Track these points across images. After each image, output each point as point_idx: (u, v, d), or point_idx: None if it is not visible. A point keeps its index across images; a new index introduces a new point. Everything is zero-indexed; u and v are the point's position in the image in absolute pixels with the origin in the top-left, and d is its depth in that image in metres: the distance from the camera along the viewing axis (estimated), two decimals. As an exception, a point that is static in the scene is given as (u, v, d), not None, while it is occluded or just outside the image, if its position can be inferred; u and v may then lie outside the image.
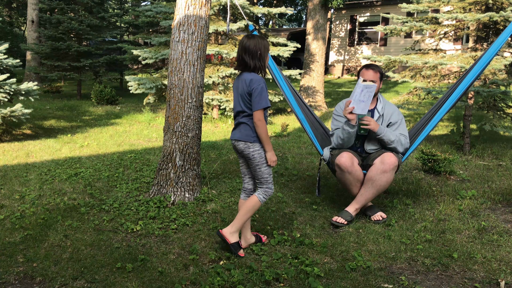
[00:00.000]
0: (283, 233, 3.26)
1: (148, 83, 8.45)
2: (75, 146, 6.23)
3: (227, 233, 2.88)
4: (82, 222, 3.45)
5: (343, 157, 3.47)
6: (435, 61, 5.79)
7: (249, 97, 2.74)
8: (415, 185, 4.42)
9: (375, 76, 3.60)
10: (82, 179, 4.58)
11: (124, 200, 3.95)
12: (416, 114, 9.67)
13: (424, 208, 3.83)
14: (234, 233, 2.88)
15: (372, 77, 3.58)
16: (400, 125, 3.64)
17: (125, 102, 11.90)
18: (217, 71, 8.57)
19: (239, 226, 2.89)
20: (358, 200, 3.52)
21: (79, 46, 12.22)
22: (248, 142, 2.79)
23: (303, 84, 11.06)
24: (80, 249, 2.97)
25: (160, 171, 4.01)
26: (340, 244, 3.10)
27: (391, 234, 3.24)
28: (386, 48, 19.80)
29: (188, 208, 3.75)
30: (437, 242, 3.14)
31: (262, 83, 2.72)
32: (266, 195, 2.86)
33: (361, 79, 3.41)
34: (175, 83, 3.92)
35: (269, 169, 2.83)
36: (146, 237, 3.20)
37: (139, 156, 5.61)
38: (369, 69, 3.60)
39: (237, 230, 2.89)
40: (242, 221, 2.88)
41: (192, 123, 3.97)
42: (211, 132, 7.64)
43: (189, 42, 3.87)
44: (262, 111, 2.72)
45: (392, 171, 3.42)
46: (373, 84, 3.34)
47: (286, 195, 4.16)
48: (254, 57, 2.75)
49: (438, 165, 4.82)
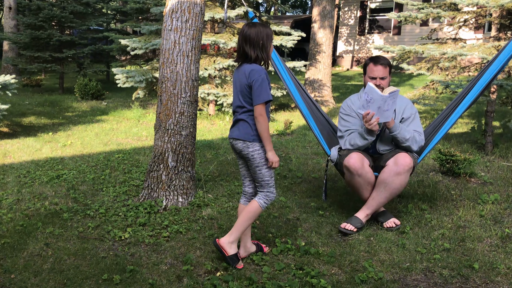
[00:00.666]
0: (286, 241, 3.27)
1: (138, 76, 8.46)
2: (57, 145, 6.24)
3: (224, 243, 2.87)
4: (64, 229, 3.46)
5: (352, 158, 3.46)
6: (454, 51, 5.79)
7: (249, 90, 2.75)
8: (432, 189, 4.42)
9: (385, 72, 3.57)
10: (65, 182, 4.58)
11: (111, 205, 3.95)
12: (433, 110, 9.67)
13: (442, 213, 3.83)
14: (232, 243, 2.88)
15: (382, 73, 3.56)
16: (413, 121, 3.63)
17: (112, 97, 11.91)
18: (213, 62, 8.57)
19: (238, 235, 2.88)
20: (369, 205, 3.52)
21: (61, 35, 12.22)
22: (247, 141, 2.79)
23: (308, 77, 11.06)
24: (63, 259, 2.97)
25: (151, 173, 4.01)
26: (349, 253, 3.10)
27: (405, 242, 3.24)
28: (400, 37, 19.79)
29: (181, 213, 3.75)
30: (456, 251, 3.14)
31: (263, 74, 2.73)
32: (267, 199, 2.86)
33: (368, 83, 3.30)
34: (167, 76, 3.92)
35: (270, 171, 2.83)
36: (135, 245, 3.20)
37: (127, 157, 5.61)
38: (378, 64, 3.55)
39: (236, 239, 2.89)
40: (242, 229, 2.88)
41: (186, 120, 3.98)
42: (207, 130, 7.65)
43: (182, 31, 3.87)
44: (263, 106, 2.72)
45: (407, 173, 3.42)
46: (396, 89, 3.29)
47: (290, 200, 4.16)
48: (255, 47, 2.76)
49: (457, 166, 4.82)
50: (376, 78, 3.56)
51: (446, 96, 10.32)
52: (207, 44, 8.62)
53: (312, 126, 4.02)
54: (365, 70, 3.66)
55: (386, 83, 3.57)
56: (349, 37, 21.34)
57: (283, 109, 10.14)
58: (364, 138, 3.51)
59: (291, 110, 10.08)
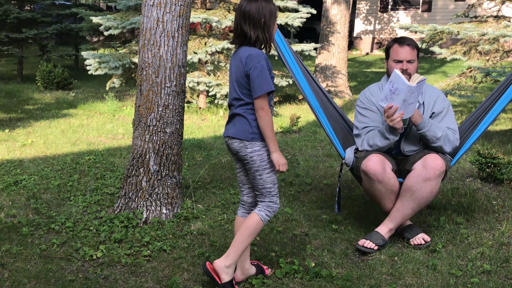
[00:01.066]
0: (292, 261, 3.27)
1: (113, 61, 8.46)
2: (15, 145, 6.24)
3: (219, 268, 2.82)
4: (24, 246, 3.45)
5: (371, 160, 3.47)
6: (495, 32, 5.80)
7: (246, 80, 2.75)
8: (468, 198, 4.43)
9: (413, 54, 3.58)
10: (24, 190, 4.59)
11: (81, 217, 3.95)
12: (471, 103, 9.68)
13: (481, 228, 3.83)
14: (229, 268, 2.83)
15: (410, 56, 3.57)
16: (446, 116, 3.63)
17: (82, 86, 11.91)
18: (204, 45, 8.57)
19: (236, 257, 2.85)
20: (392, 218, 3.52)
21: (20, 11, 12.21)
22: (245, 140, 2.80)
23: (319, 62, 11.07)
24: (22, 283, 2.97)
25: (129, 179, 4.01)
26: (369, 276, 3.10)
27: (436, 263, 3.24)
28: (431, 15, 19.79)
29: (165, 228, 3.76)
30: (499, 274, 3.14)
31: (262, 59, 2.73)
32: (269, 211, 2.86)
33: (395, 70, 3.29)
34: (148, 61, 3.92)
35: (273, 177, 2.84)
36: (110, 266, 3.20)
37: (100, 159, 5.61)
38: (404, 45, 3.57)
39: (234, 262, 2.86)
40: (241, 249, 2.85)
41: (171, 115, 3.98)
42: (197, 126, 7.65)
43: (167, 6, 3.87)
44: (265, 97, 2.73)
45: (438, 178, 3.43)
46: (423, 78, 3.29)
47: (297, 211, 4.16)
48: (256, 26, 2.76)
49: (500, 171, 4.82)
50: (402, 62, 3.56)
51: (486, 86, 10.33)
52: (197, 23, 8.62)
53: (324, 123, 4.02)
54: (388, 53, 3.67)
55: (413, 68, 3.58)
56: (369, 15, 21.34)
57: (288, 102, 10.15)
58: (385, 138, 3.51)
59: (298, 103, 10.07)
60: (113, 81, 9.28)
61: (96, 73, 8.66)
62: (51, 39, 13.24)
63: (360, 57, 19.57)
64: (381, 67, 16.33)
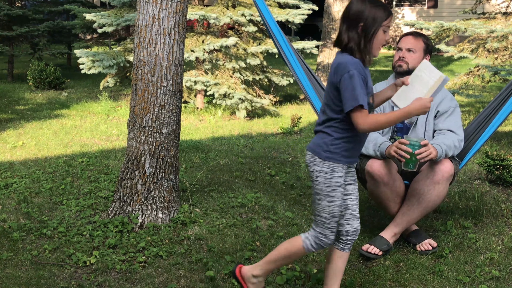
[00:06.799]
0: (293, 267, 3.27)
1: (107, 59, 8.46)
2: (5, 147, 6.24)
3: (246, 276, 2.81)
4: (15, 252, 3.45)
5: (376, 162, 3.47)
6: (505, 29, 5.80)
7: (335, 92, 2.52)
8: (477, 202, 4.43)
9: (416, 44, 3.59)
10: (15, 193, 4.58)
11: (73, 222, 3.95)
12: (479, 102, 9.68)
13: (490, 233, 3.83)
14: (255, 278, 2.81)
15: (411, 44, 3.59)
16: (450, 116, 3.60)
17: (75, 86, 11.91)
18: (202, 42, 8.58)
19: (264, 272, 2.81)
20: (398, 222, 3.52)
21: (11, 8, 12.22)
22: (316, 156, 2.60)
23: (321, 61, 11.08)
24: (12, 290, 2.97)
25: (123, 182, 4.01)
26: (373, 283, 3.10)
27: (443, 269, 3.25)
28: (437, 11, 19.80)
29: (161, 233, 3.76)
30: (508, 280, 3.14)
31: (354, 68, 2.44)
32: (316, 244, 2.66)
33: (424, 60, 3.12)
34: (143, 60, 3.92)
35: (334, 208, 2.60)
36: (104, 273, 3.20)
37: (94, 161, 5.61)
38: (409, 35, 3.61)
39: (262, 275, 2.82)
40: (271, 267, 2.80)
41: (168, 115, 3.98)
42: (194, 127, 7.65)
43: (163, 3, 3.87)
44: (360, 112, 2.44)
45: (446, 181, 3.43)
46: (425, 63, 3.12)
47: (298, 215, 4.16)
48: (351, 28, 2.49)
49: (509, 173, 4.82)
50: (402, 50, 3.59)
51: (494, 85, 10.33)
52: (194, 20, 8.63)
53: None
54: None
55: (412, 59, 3.57)
56: (373, 11, 21.32)
57: (289, 102, 10.15)
58: (377, 149, 3.47)
59: (299, 103, 10.08)
60: (107, 80, 9.29)
61: (89, 72, 8.67)
62: (42, 36, 13.25)
63: (363, 55, 19.52)
64: (386, 65, 16.34)
